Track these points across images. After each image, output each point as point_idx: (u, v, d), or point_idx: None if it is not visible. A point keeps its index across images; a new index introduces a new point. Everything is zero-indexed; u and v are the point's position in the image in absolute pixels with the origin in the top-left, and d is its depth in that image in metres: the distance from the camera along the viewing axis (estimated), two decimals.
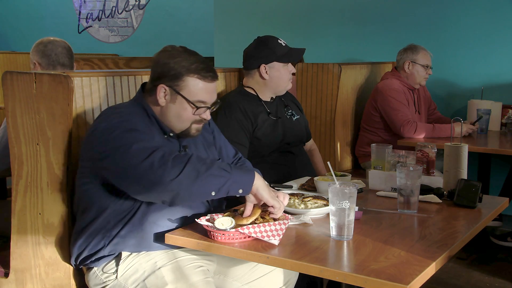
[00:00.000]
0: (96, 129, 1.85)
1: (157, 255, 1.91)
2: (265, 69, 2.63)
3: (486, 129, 3.77)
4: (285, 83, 2.67)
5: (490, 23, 4.27)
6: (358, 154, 3.88)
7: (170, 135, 1.96)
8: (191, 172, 1.69)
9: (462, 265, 3.57)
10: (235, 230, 1.71)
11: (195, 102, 1.92)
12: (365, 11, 4.78)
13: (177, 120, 1.94)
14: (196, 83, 1.91)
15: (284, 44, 2.66)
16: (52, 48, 2.81)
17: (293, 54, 2.65)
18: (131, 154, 1.72)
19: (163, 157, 1.70)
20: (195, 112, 1.93)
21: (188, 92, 1.91)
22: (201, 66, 1.91)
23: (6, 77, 2.08)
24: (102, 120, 1.87)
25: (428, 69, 3.77)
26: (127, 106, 1.98)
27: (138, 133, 1.81)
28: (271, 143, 2.65)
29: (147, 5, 6.76)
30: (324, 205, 1.96)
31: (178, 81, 1.90)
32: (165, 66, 1.91)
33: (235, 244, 1.71)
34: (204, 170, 1.70)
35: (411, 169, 1.99)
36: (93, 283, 1.98)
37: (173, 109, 1.93)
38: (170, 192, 1.70)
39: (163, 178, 1.67)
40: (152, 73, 1.96)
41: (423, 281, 1.50)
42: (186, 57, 1.91)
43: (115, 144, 1.77)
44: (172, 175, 1.67)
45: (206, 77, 1.92)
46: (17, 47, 7.32)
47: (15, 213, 2.14)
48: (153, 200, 1.78)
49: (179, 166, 1.68)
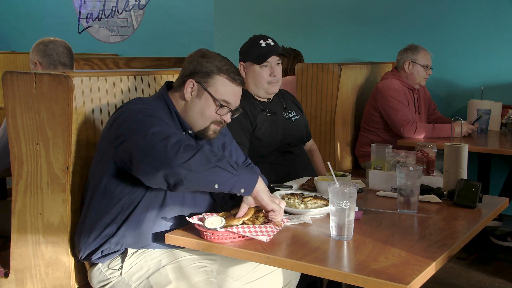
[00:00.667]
0: (120, 116, 1.89)
1: (162, 254, 1.93)
2: (243, 68, 2.66)
3: (486, 129, 3.77)
4: (263, 84, 2.63)
5: (490, 23, 4.27)
6: (358, 154, 3.88)
7: (189, 133, 2.00)
8: (201, 160, 1.72)
9: (462, 265, 3.57)
10: (224, 230, 1.72)
11: (220, 101, 1.97)
12: (365, 11, 4.78)
13: (199, 117, 1.99)
14: (224, 83, 1.98)
15: (265, 45, 2.63)
16: (53, 47, 2.82)
17: (265, 55, 2.61)
18: (148, 136, 1.76)
19: (178, 142, 1.74)
20: (218, 111, 1.98)
21: (215, 90, 1.97)
22: (232, 69, 2.00)
23: (6, 77, 2.08)
24: (126, 108, 1.91)
25: (428, 69, 3.77)
26: (151, 100, 2.02)
27: (158, 120, 1.86)
28: (271, 143, 2.65)
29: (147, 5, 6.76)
30: (324, 205, 1.96)
31: (208, 78, 1.97)
32: (198, 63, 1.99)
33: (228, 243, 1.72)
34: (214, 161, 1.73)
35: (411, 169, 1.99)
36: (97, 280, 1.98)
37: (198, 105, 1.98)
38: (177, 176, 1.71)
39: (173, 160, 1.70)
40: (183, 70, 2.03)
41: (423, 281, 1.50)
42: (219, 59, 2.01)
43: (135, 126, 1.82)
44: (182, 159, 1.70)
45: (235, 80, 2.00)
46: (17, 47, 7.32)
47: (15, 213, 2.14)
48: (158, 182, 1.77)
49: (190, 152, 1.72)
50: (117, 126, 1.87)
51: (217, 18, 5.48)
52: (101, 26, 7.15)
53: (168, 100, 2.01)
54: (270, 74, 2.63)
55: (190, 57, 2.04)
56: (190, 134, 2.00)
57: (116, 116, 1.91)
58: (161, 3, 6.66)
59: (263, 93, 2.67)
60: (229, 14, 5.42)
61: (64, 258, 2.06)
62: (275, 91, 2.70)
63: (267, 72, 2.63)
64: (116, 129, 1.87)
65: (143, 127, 1.80)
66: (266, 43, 2.64)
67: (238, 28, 5.32)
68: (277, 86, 2.68)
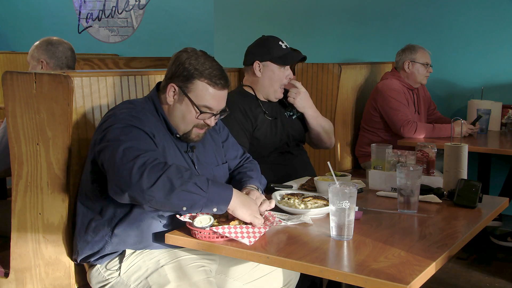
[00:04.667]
0: (105, 121, 1.88)
1: (160, 254, 1.93)
2: (259, 67, 2.63)
3: (486, 129, 3.77)
4: (276, 86, 2.63)
5: (490, 23, 4.27)
6: (358, 154, 3.88)
7: (177, 136, 1.98)
8: (164, 185, 1.69)
9: (462, 265, 3.57)
10: (209, 229, 1.73)
11: (200, 107, 1.93)
12: (365, 11, 4.78)
13: (181, 121, 1.95)
14: (205, 88, 1.92)
15: (285, 46, 2.64)
16: (63, 50, 2.85)
17: (288, 57, 2.62)
18: (119, 154, 1.74)
19: (143, 165, 1.70)
20: (199, 117, 1.94)
21: (195, 95, 1.92)
22: (214, 73, 1.92)
23: (6, 77, 2.08)
24: (112, 114, 1.90)
25: (428, 67, 3.77)
26: (141, 102, 2.00)
27: (135, 132, 1.82)
28: (270, 143, 2.64)
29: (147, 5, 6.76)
30: (324, 205, 1.96)
31: (188, 83, 1.91)
32: (179, 66, 1.93)
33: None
34: (179, 184, 1.70)
35: (411, 169, 1.99)
36: (96, 281, 1.98)
37: (179, 110, 1.94)
38: (142, 201, 1.71)
39: (136, 186, 1.69)
40: (167, 71, 1.99)
41: (423, 281, 1.50)
42: (202, 61, 1.93)
43: (112, 136, 1.80)
44: (146, 185, 1.68)
45: (216, 84, 1.93)
46: (17, 47, 7.31)
47: (15, 213, 2.14)
48: (127, 201, 1.78)
49: (154, 176, 1.69)
50: (100, 132, 1.87)
51: (217, 18, 5.48)
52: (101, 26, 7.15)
53: (156, 103, 1.98)
54: (286, 77, 2.64)
55: (173, 57, 1.97)
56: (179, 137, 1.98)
57: (103, 121, 1.90)
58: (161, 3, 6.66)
59: (272, 94, 2.66)
60: (229, 14, 5.42)
61: (64, 258, 2.06)
62: (281, 97, 2.70)
63: (284, 74, 2.63)
64: (99, 134, 1.86)
65: (117, 142, 1.77)
66: (285, 45, 2.65)
67: (238, 28, 5.32)
68: (283, 91, 2.69)
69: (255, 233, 1.73)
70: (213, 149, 2.12)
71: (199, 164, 2.02)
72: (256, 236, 1.72)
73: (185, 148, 2.00)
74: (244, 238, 1.71)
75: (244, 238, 1.71)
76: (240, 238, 1.71)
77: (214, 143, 2.14)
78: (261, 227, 1.76)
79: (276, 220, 1.85)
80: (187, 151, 2.00)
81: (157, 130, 1.91)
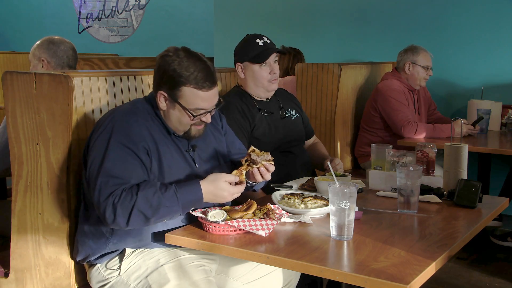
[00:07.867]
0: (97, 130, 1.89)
1: (160, 253, 1.93)
2: (241, 68, 2.64)
3: (486, 129, 3.77)
4: (263, 83, 2.62)
5: (490, 23, 4.27)
6: (358, 154, 3.88)
7: (176, 135, 1.98)
8: (138, 216, 1.78)
9: (462, 265, 3.57)
10: (224, 223, 1.76)
11: (193, 110, 1.92)
12: (365, 11, 4.78)
13: (178, 124, 1.96)
14: (193, 93, 1.90)
15: (262, 43, 2.61)
16: (65, 50, 2.85)
17: (262, 54, 2.59)
18: (97, 186, 1.80)
19: (113, 204, 1.76)
20: (194, 119, 1.94)
21: (185, 101, 1.91)
22: (199, 76, 1.89)
23: (6, 77, 2.08)
24: (108, 122, 1.89)
25: (428, 70, 3.76)
26: (136, 102, 2.00)
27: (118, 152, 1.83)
28: (270, 142, 2.64)
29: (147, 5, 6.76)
30: (324, 205, 1.96)
31: (175, 90, 1.90)
32: (164, 74, 1.91)
33: (229, 237, 1.74)
34: (151, 215, 1.78)
35: (411, 169, 1.99)
36: (96, 280, 1.98)
37: (173, 114, 1.94)
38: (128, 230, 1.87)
39: (115, 224, 1.78)
40: (153, 79, 1.97)
41: (423, 281, 1.50)
42: (185, 65, 1.88)
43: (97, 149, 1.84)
44: (122, 222, 1.77)
45: (204, 87, 1.90)
46: (17, 47, 7.31)
47: (15, 213, 2.14)
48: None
49: (126, 212, 1.77)
50: (93, 138, 1.89)
51: (217, 18, 5.48)
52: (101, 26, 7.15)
53: (154, 105, 1.97)
54: (270, 72, 2.62)
55: (156, 63, 1.94)
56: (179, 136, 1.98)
57: (95, 128, 1.92)
58: (161, 3, 6.66)
59: (264, 91, 2.67)
60: (229, 14, 5.42)
61: (64, 258, 2.06)
62: (275, 88, 2.69)
63: (267, 70, 2.62)
64: (91, 140, 1.89)
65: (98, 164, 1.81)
66: (263, 42, 2.62)
67: (238, 28, 5.31)
68: (276, 83, 2.68)
69: (268, 225, 1.77)
70: (214, 145, 2.12)
71: (200, 163, 2.02)
72: (270, 228, 1.76)
73: (186, 147, 2.00)
74: (259, 230, 1.75)
75: (259, 230, 1.75)
76: (255, 230, 1.74)
77: (215, 139, 2.14)
78: (272, 219, 1.80)
79: (283, 213, 1.88)
80: (188, 150, 2.00)
81: (155, 134, 1.92)
